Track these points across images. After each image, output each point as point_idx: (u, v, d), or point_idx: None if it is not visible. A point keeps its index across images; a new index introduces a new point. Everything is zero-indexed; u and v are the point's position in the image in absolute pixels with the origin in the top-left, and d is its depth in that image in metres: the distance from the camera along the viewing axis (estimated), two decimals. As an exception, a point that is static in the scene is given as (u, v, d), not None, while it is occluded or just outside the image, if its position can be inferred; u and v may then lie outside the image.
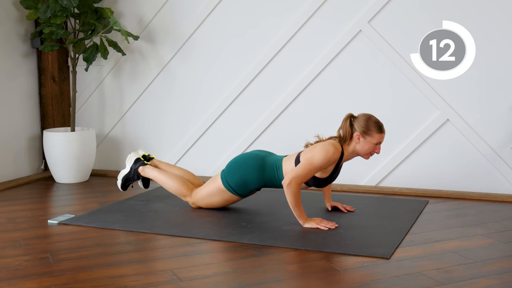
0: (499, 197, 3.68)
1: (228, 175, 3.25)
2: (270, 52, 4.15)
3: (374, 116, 3.09)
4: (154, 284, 2.30)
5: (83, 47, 4.26)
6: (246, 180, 3.21)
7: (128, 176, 3.58)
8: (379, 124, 3.06)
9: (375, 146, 3.07)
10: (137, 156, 3.60)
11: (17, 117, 4.40)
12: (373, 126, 3.04)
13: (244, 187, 3.24)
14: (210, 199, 3.34)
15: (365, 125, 3.04)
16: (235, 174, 3.23)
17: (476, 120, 3.79)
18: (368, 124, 3.04)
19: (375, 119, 3.07)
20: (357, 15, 3.94)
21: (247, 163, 3.22)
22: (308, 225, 3.01)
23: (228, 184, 3.24)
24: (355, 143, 3.08)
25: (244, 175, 3.21)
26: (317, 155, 2.99)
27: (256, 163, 3.21)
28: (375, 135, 3.04)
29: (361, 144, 3.07)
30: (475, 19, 3.72)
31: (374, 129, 3.04)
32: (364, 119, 3.06)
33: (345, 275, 2.40)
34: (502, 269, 2.45)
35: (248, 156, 3.27)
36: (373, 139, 3.05)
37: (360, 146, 3.08)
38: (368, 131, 3.04)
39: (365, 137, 3.05)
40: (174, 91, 4.46)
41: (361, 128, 3.05)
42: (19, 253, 2.69)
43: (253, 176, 3.20)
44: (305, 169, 2.99)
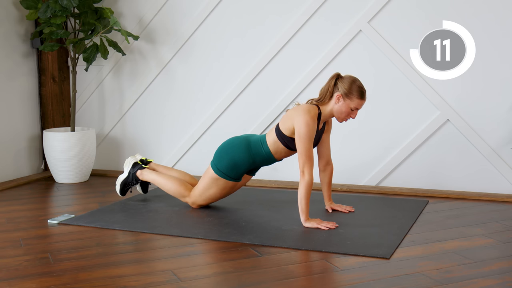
0: (499, 197, 3.68)
1: (217, 162, 3.29)
2: (270, 52, 4.15)
3: (359, 81, 3.10)
4: (154, 284, 2.30)
5: (83, 47, 4.26)
6: (235, 161, 3.25)
7: (126, 181, 3.59)
8: (362, 90, 3.08)
9: (352, 111, 3.10)
10: (135, 160, 3.63)
11: (17, 117, 4.40)
12: (356, 91, 3.06)
13: (235, 169, 3.27)
14: (208, 192, 3.35)
15: (348, 87, 3.06)
16: (223, 158, 3.27)
17: (476, 120, 3.78)
18: (351, 87, 3.06)
19: (360, 84, 3.08)
20: (357, 15, 3.94)
21: (233, 146, 3.28)
22: (308, 224, 3.01)
23: (219, 170, 3.27)
24: (334, 103, 3.10)
25: (233, 156, 3.25)
26: (301, 130, 3.02)
27: (241, 143, 3.27)
28: (355, 99, 3.06)
29: (339, 105, 3.09)
30: (475, 19, 3.71)
31: (355, 94, 3.06)
32: (349, 81, 3.08)
33: (345, 275, 2.40)
34: (502, 269, 2.45)
35: (232, 139, 3.33)
36: (352, 103, 3.07)
37: (337, 107, 3.10)
38: (349, 94, 3.06)
39: (345, 99, 3.07)
40: (174, 91, 4.46)
41: (343, 89, 3.06)
42: (19, 253, 2.69)
43: (241, 155, 3.24)
44: (303, 146, 3.02)
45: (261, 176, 4.09)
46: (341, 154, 3.99)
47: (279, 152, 3.22)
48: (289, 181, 4.11)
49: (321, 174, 3.37)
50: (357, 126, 4.02)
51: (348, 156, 4.04)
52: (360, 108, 3.11)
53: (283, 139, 3.16)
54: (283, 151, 3.22)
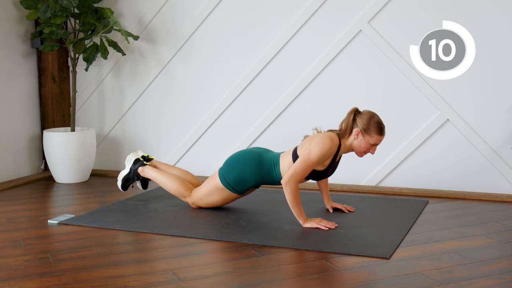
0: (499, 197, 3.68)
1: (225, 173, 3.25)
2: (270, 52, 4.15)
3: (378, 116, 3.07)
4: (154, 284, 2.30)
5: (83, 47, 4.26)
6: (243, 176, 3.21)
7: (128, 177, 3.58)
8: (380, 126, 3.04)
9: (371, 146, 3.07)
10: (137, 156, 3.61)
11: (17, 117, 4.40)
12: (374, 127, 3.03)
13: (242, 184, 3.24)
14: (209, 198, 3.34)
15: (367, 123, 3.03)
16: (232, 171, 3.23)
17: (476, 120, 3.79)
18: (370, 123, 3.03)
19: (378, 120, 3.05)
20: (357, 15, 3.94)
21: (244, 160, 3.22)
22: (308, 224, 3.01)
23: (226, 182, 3.24)
24: (353, 138, 3.07)
25: (242, 171, 3.21)
26: (313, 151, 2.98)
27: (254, 159, 3.21)
28: (374, 135, 3.03)
29: (358, 141, 3.06)
30: (475, 19, 3.72)
31: (374, 130, 3.03)
32: (367, 117, 3.04)
33: (345, 275, 2.40)
34: (502, 269, 2.45)
35: (245, 153, 3.27)
36: (371, 139, 3.04)
37: (357, 142, 3.07)
38: (368, 130, 3.03)
39: (364, 135, 3.04)
40: (174, 91, 4.46)
41: (362, 125, 3.03)
42: (19, 253, 2.69)
43: (251, 173, 3.20)
44: (302, 166, 2.98)
45: (261, 176, 4.09)
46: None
47: None
48: (289, 181, 4.11)
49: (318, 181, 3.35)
50: (357, 126, 4.01)
51: (348, 156, 4.03)
52: (379, 143, 3.07)
53: None
54: None
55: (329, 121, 4.08)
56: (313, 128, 3.24)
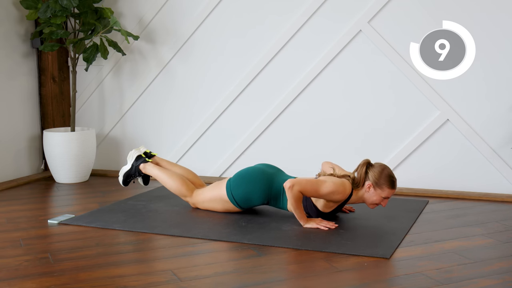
0: (499, 197, 3.68)
1: (233, 187, 3.23)
2: (270, 52, 4.15)
3: (389, 168, 3.04)
4: (154, 284, 2.30)
5: (83, 47, 4.25)
6: (251, 195, 3.20)
7: (129, 173, 3.56)
8: (392, 179, 3.01)
9: (383, 199, 3.04)
10: (139, 153, 3.58)
11: (17, 117, 4.39)
12: (386, 181, 2.99)
13: (247, 201, 3.23)
14: (211, 204, 3.33)
15: (378, 177, 3.00)
16: (241, 188, 3.21)
17: (476, 120, 3.78)
18: (381, 176, 3.00)
19: (390, 173, 3.02)
20: (357, 15, 3.94)
21: (255, 179, 3.20)
22: (308, 225, 3.01)
23: (232, 196, 3.23)
24: (364, 191, 3.05)
25: (250, 190, 3.19)
26: (326, 185, 2.96)
27: (264, 181, 3.19)
28: (385, 189, 3.00)
29: (370, 194, 3.03)
30: (475, 19, 3.72)
31: (386, 184, 3.00)
32: (379, 171, 3.01)
33: (345, 275, 2.40)
34: (502, 269, 2.45)
35: (257, 172, 3.24)
36: (383, 192, 3.01)
37: (368, 195, 3.04)
38: (380, 184, 3.00)
39: (375, 189, 3.01)
40: (174, 91, 4.45)
41: (374, 179, 3.00)
42: (19, 253, 2.69)
43: (259, 194, 3.19)
44: (312, 184, 2.96)
45: (261, 176, 4.09)
46: (342, 154, 3.99)
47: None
48: (289, 181, 4.11)
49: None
50: (357, 126, 4.02)
51: (348, 156, 4.03)
52: (390, 197, 3.05)
53: (306, 202, 3.08)
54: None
55: (329, 121, 4.08)
56: (330, 166, 3.22)
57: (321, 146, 4.10)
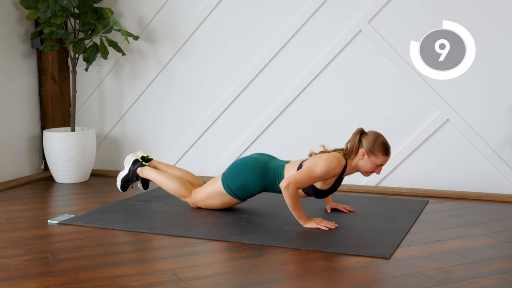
0: (499, 197, 3.68)
1: (229, 178, 3.24)
2: (270, 52, 4.15)
3: (383, 136, 3.06)
4: (154, 284, 2.30)
5: (83, 47, 4.26)
6: (247, 184, 3.21)
7: (127, 178, 3.58)
8: (386, 146, 3.03)
9: (377, 167, 3.06)
10: (136, 157, 3.60)
11: (17, 117, 4.40)
12: (380, 147, 3.01)
13: (244, 191, 3.23)
14: (210, 201, 3.34)
15: (372, 144, 3.02)
16: (236, 178, 3.22)
17: (476, 120, 3.79)
18: (375, 143, 3.02)
19: (384, 140, 3.04)
20: (357, 15, 3.94)
21: (249, 167, 3.21)
22: (308, 225, 3.01)
23: (228, 187, 3.24)
24: (358, 159, 3.06)
25: (246, 179, 3.20)
26: (319, 165, 2.97)
27: (258, 167, 3.20)
28: (379, 156, 3.02)
29: (364, 161, 3.05)
30: (475, 19, 3.72)
31: (380, 150, 3.02)
32: (373, 138, 3.03)
33: (345, 275, 2.40)
34: (502, 269, 2.45)
35: (250, 160, 3.25)
36: (377, 159, 3.03)
37: (362, 163, 3.05)
38: (374, 150, 3.02)
39: (369, 156, 3.03)
40: (174, 91, 4.46)
41: (368, 146, 3.02)
42: (19, 253, 2.69)
43: (254, 181, 3.20)
44: (304, 175, 2.97)
45: (261, 176, 4.09)
46: (341, 154, 3.99)
47: None
48: (289, 181, 4.11)
49: None
50: (357, 126, 4.00)
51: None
52: (384, 164, 3.07)
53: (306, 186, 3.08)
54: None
55: (329, 121, 4.08)
56: (320, 145, 3.23)
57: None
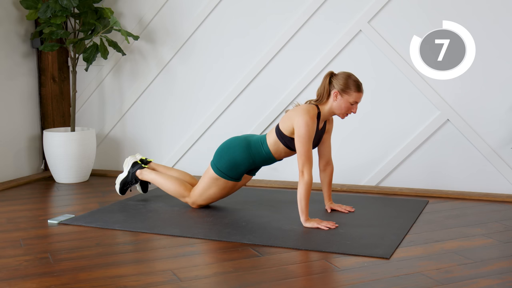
0: (499, 197, 3.68)
1: (217, 162, 3.30)
2: (270, 52, 4.15)
3: (354, 75, 3.11)
4: (154, 284, 2.30)
5: (83, 47, 4.26)
6: (235, 160, 3.25)
7: (126, 180, 3.59)
8: (358, 83, 3.08)
9: (352, 105, 3.09)
10: (135, 159, 3.63)
11: (17, 117, 4.40)
12: (352, 85, 3.06)
13: (235, 168, 3.27)
14: (207, 192, 3.35)
15: (344, 83, 3.06)
16: (223, 158, 3.28)
17: (476, 120, 3.79)
18: (347, 82, 3.06)
19: (355, 78, 3.09)
20: (357, 15, 3.94)
21: (232, 145, 3.28)
22: (308, 224, 3.01)
23: (219, 170, 3.28)
24: (332, 101, 3.10)
25: (233, 156, 3.25)
26: (300, 130, 3.02)
27: (241, 142, 3.27)
28: (352, 93, 3.06)
29: (338, 102, 3.09)
30: (475, 19, 3.72)
31: (352, 87, 3.06)
32: (343, 77, 3.08)
33: (345, 275, 2.40)
34: (502, 269, 2.45)
35: (232, 139, 3.33)
36: (350, 97, 3.07)
37: (336, 104, 3.09)
38: (346, 89, 3.06)
39: (342, 95, 3.07)
40: (174, 91, 4.46)
41: (339, 86, 3.06)
42: (19, 253, 2.69)
43: (241, 155, 3.25)
44: (302, 146, 3.02)
45: (261, 176, 4.09)
46: (341, 154, 3.99)
47: (279, 152, 3.23)
48: (289, 181, 4.11)
49: (321, 174, 3.37)
50: (357, 126, 4.02)
51: (348, 156, 4.04)
52: (359, 101, 3.10)
53: (283, 139, 3.17)
54: (283, 151, 3.22)
55: (329, 121, 4.08)
56: (295, 104, 3.27)
57: (321, 146, 4.10)
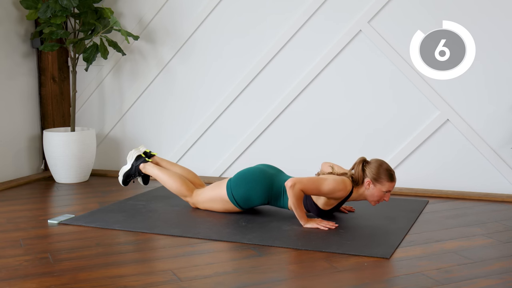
0: (499, 197, 3.68)
1: (234, 187, 3.23)
2: (270, 52, 4.15)
3: (386, 163, 3.06)
4: (154, 284, 2.30)
5: (83, 47, 4.25)
6: (251, 195, 3.21)
7: (129, 173, 3.57)
8: (390, 172, 3.02)
9: (385, 193, 3.04)
10: (139, 153, 3.59)
11: (17, 117, 4.40)
12: (384, 175, 3.00)
13: (248, 202, 3.23)
14: (211, 204, 3.33)
15: (376, 172, 3.01)
16: (241, 188, 3.21)
17: (476, 120, 3.78)
18: (379, 171, 3.01)
19: (387, 167, 3.03)
20: (357, 15, 3.94)
21: (255, 179, 3.21)
22: (308, 225, 3.01)
23: (232, 196, 3.23)
24: (365, 188, 3.05)
25: (251, 190, 3.20)
26: (327, 182, 2.97)
27: (265, 181, 3.20)
28: (385, 183, 3.01)
29: (370, 190, 3.04)
30: (475, 19, 3.71)
31: (385, 178, 3.00)
32: (376, 166, 3.02)
33: (345, 275, 2.40)
34: (502, 269, 2.45)
35: (258, 172, 3.24)
36: (383, 187, 3.01)
37: (369, 192, 3.05)
38: (379, 179, 3.01)
39: (375, 184, 3.02)
40: (174, 91, 4.45)
41: (372, 175, 3.01)
42: (19, 253, 2.69)
43: (259, 194, 3.20)
44: (312, 182, 2.97)
45: (261, 176, 4.09)
46: (342, 154, 3.99)
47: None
48: (289, 181, 4.11)
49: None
50: (357, 126, 4.02)
51: (348, 156, 4.03)
52: (391, 190, 3.05)
53: (307, 201, 3.09)
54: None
55: (329, 121, 4.08)
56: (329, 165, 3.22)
57: (321, 146, 4.10)
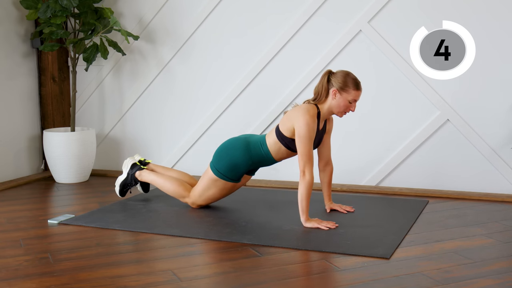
0: (499, 197, 3.68)
1: (216, 163, 3.30)
2: (270, 52, 4.15)
3: (352, 73, 3.11)
4: (154, 284, 2.30)
5: (83, 47, 4.26)
6: (234, 162, 3.25)
7: (125, 182, 3.60)
8: (356, 81, 3.08)
9: (350, 104, 3.10)
10: (133, 161, 3.64)
11: (17, 117, 4.40)
12: (350, 83, 3.06)
13: (234, 170, 3.27)
14: (207, 193, 3.36)
15: (342, 81, 3.06)
16: (222, 160, 3.28)
17: (476, 120, 3.79)
18: (345, 80, 3.06)
19: (353, 76, 3.09)
20: (357, 15, 3.94)
21: (232, 146, 3.28)
22: (308, 224, 3.01)
23: (218, 171, 3.28)
24: (331, 99, 3.10)
25: (232, 158, 3.25)
26: (301, 130, 3.03)
27: (240, 143, 3.27)
28: (351, 91, 3.06)
29: (336, 100, 3.09)
30: (475, 19, 3.72)
31: (351, 86, 3.06)
32: (342, 75, 3.08)
33: (345, 275, 2.40)
34: (502, 269, 2.45)
35: (231, 140, 3.33)
36: (349, 95, 3.07)
37: (335, 102, 3.09)
38: (345, 87, 3.06)
39: (341, 93, 3.07)
40: (174, 91, 4.46)
41: (338, 84, 3.07)
42: (19, 253, 2.69)
43: (241, 157, 3.25)
44: (304, 146, 3.02)
45: (261, 176, 4.09)
46: (341, 154, 3.99)
47: (280, 154, 3.22)
48: (289, 181, 4.11)
49: (320, 174, 3.37)
50: (357, 126, 4.02)
51: (348, 156, 4.04)
52: (357, 99, 3.10)
53: (284, 141, 3.16)
54: (284, 153, 3.21)
55: (329, 121, 4.08)
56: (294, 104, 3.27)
57: (321, 146, 4.10)
